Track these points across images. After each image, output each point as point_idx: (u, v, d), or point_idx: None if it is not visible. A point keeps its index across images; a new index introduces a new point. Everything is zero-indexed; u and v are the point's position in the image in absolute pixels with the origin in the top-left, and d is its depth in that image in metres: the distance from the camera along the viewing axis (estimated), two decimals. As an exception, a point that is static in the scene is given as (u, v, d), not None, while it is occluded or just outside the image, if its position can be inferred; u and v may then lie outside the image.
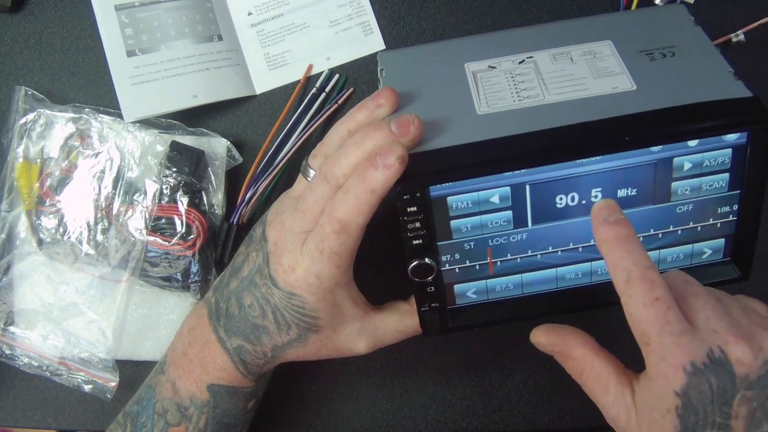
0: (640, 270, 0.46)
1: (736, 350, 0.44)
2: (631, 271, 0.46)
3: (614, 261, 0.47)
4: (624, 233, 0.47)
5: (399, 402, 0.74)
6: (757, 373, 0.44)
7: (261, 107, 0.74)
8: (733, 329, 0.45)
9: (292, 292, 0.55)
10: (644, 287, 0.46)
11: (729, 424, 0.44)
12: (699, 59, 0.56)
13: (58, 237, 0.70)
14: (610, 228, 0.48)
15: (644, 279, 0.46)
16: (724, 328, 0.45)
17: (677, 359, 0.45)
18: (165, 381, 0.62)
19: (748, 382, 0.44)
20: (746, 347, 0.44)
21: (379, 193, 0.50)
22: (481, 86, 0.57)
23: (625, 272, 0.46)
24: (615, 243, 0.47)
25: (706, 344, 0.45)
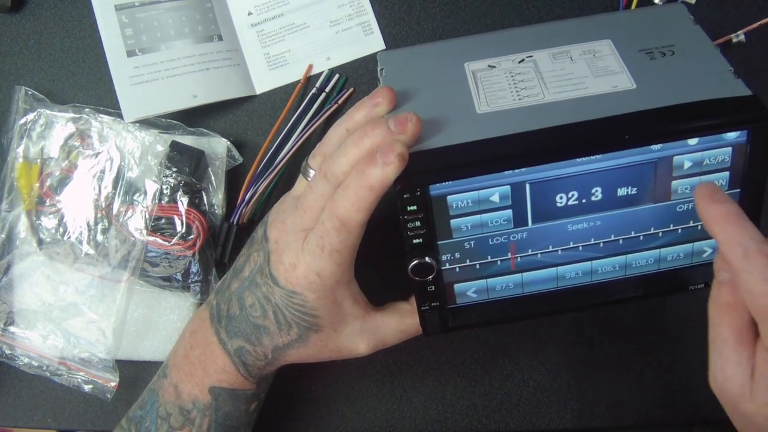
0: (756, 244, 0.45)
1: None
2: (748, 246, 0.45)
3: (728, 237, 0.46)
4: (735, 210, 0.47)
5: (399, 402, 0.74)
6: None
7: (261, 107, 0.74)
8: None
9: (293, 291, 0.55)
10: (764, 260, 0.45)
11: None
12: (698, 58, 0.56)
13: (58, 237, 0.70)
14: (720, 205, 0.47)
15: (763, 253, 0.45)
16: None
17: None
18: (167, 384, 0.62)
19: None
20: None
21: (378, 190, 0.50)
22: (481, 85, 0.57)
23: (741, 248, 0.45)
24: (727, 221, 0.46)
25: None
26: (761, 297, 0.45)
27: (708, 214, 0.48)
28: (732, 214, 0.47)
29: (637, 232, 0.56)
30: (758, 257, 0.45)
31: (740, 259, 0.45)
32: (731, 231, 0.46)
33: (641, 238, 0.56)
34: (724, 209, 0.47)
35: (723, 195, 0.48)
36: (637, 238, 0.56)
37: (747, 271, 0.45)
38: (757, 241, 0.45)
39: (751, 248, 0.45)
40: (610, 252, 0.57)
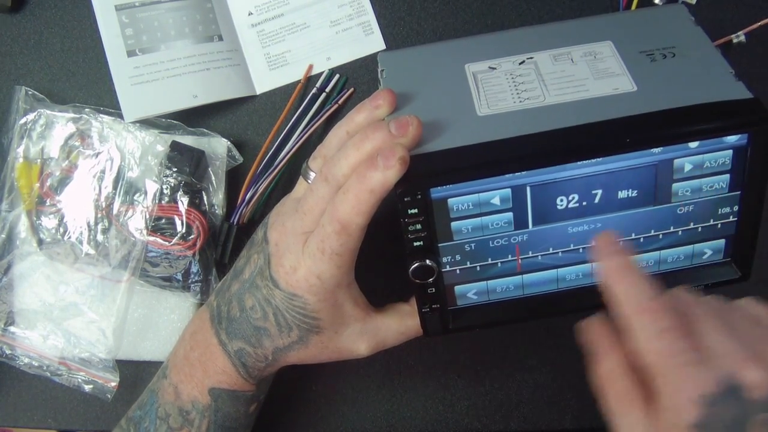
0: (647, 300, 0.46)
1: (748, 375, 0.43)
2: (638, 302, 0.46)
3: (620, 292, 0.47)
4: (629, 264, 0.47)
5: (399, 402, 0.74)
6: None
7: (261, 107, 0.74)
8: (743, 352, 0.44)
9: (294, 293, 0.55)
10: (652, 318, 0.45)
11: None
12: (699, 60, 0.56)
13: (58, 237, 0.70)
14: (616, 258, 0.48)
15: (652, 310, 0.45)
16: (733, 351, 0.44)
17: (689, 392, 0.43)
18: (167, 385, 0.62)
19: (764, 405, 0.43)
20: (758, 370, 0.43)
21: (378, 194, 0.50)
22: (482, 87, 0.57)
23: (633, 303, 0.46)
24: (621, 274, 0.47)
25: (717, 372, 0.43)
26: (651, 354, 0.45)
27: (605, 266, 0.48)
28: (625, 268, 0.47)
29: (638, 235, 0.56)
30: (647, 314, 0.45)
31: (630, 316, 0.46)
32: (623, 285, 0.47)
33: (641, 240, 0.56)
34: (618, 262, 0.47)
35: (619, 247, 0.48)
36: (638, 240, 0.56)
37: (638, 327, 0.46)
38: (649, 297, 0.46)
39: (642, 305, 0.46)
40: (611, 254, 0.57)
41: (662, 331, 0.45)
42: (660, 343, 0.45)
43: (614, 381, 0.50)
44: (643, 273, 0.47)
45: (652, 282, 0.47)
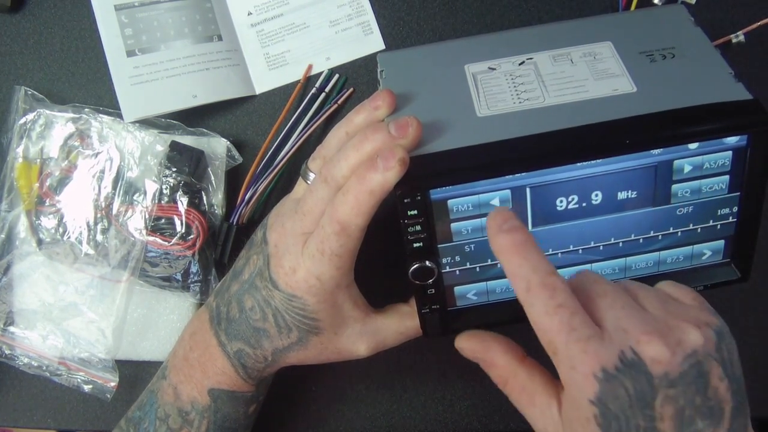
0: (539, 276, 0.44)
1: (648, 349, 0.42)
2: (530, 279, 0.44)
3: (512, 269, 0.45)
4: (521, 239, 0.45)
5: (399, 402, 0.74)
6: (678, 370, 0.42)
7: (261, 107, 0.74)
8: (645, 326, 0.43)
9: (293, 294, 0.55)
10: (545, 294, 0.44)
11: (655, 426, 0.42)
12: (699, 61, 0.56)
13: (57, 237, 0.70)
14: (506, 235, 0.45)
15: (545, 286, 0.44)
16: (635, 325, 0.43)
17: (587, 367, 0.42)
18: (166, 386, 0.62)
19: (668, 380, 0.42)
20: (660, 344, 0.42)
21: (378, 195, 0.50)
22: (481, 88, 0.57)
23: (524, 280, 0.44)
24: (512, 251, 0.45)
25: (616, 346, 0.42)
26: (546, 332, 0.44)
27: (494, 245, 0.46)
28: (517, 245, 0.45)
29: (637, 236, 0.56)
30: (541, 290, 0.44)
31: (523, 293, 0.45)
32: (514, 263, 0.45)
33: (641, 241, 0.56)
34: (509, 239, 0.45)
35: (513, 224, 0.46)
36: (637, 241, 0.56)
37: (530, 304, 0.44)
38: (542, 273, 0.44)
39: (534, 281, 0.44)
40: (610, 255, 0.57)
41: (557, 308, 0.43)
42: (553, 319, 0.43)
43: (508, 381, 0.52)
44: (537, 249, 0.45)
45: (546, 259, 0.45)
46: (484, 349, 0.54)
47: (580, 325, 0.43)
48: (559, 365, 0.44)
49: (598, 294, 0.46)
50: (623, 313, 0.44)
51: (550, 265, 0.45)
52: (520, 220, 0.46)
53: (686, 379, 0.42)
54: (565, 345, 0.43)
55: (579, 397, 0.43)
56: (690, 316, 0.45)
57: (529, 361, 0.52)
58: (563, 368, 0.44)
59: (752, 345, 0.74)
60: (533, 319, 0.44)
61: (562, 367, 0.44)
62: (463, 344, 0.55)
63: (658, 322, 0.44)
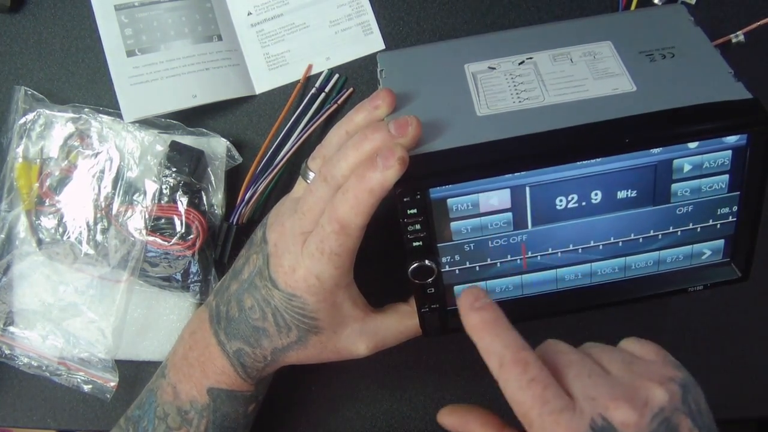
0: (511, 353, 0.45)
1: (618, 414, 0.42)
2: (503, 355, 0.45)
3: (485, 347, 0.46)
4: (491, 317, 0.47)
5: (399, 402, 0.74)
6: (647, 430, 0.43)
7: (261, 107, 0.74)
8: (613, 391, 0.44)
9: (293, 294, 0.55)
10: (518, 370, 0.44)
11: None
12: (699, 60, 0.56)
13: (57, 237, 0.70)
14: (476, 314, 0.47)
15: (517, 362, 0.45)
16: (603, 393, 0.44)
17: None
18: (166, 385, 0.62)
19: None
20: (627, 408, 0.43)
21: (377, 194, 0.50)
22: (481, 87, 0.57)
23: (497, 357, 0.45)
24: (483, 329, 0.46)
25: (587, 415, 0.43)
26: (520, 405, 0.44)
27: (466, 323, 0.48)
28: (488, 323, 0.47)
29: (637, 235, 0.56)
30: (513, 366, 0.45)
31: (497, 369, 0.46)
32: (486, 340, 0.46)
33: (641, 241, 0.56)
34: (479, 317, 0.47)
35: (484, 302, 0.48)
36: (637, 240, 0.56)
37: (504, 380, 0.45)
38: (513, 349, 0.45)
39: (507, 357, 0.45)
40: (610, 254, 0.57)
41: (530, 382, 0.44)
42: (527, 393, 0.44)
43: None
44: (508, 326, 0.47)
45: (517, 334, 0.46)
46: (463, 423, 0.55)
47: (552, 398, 0.44)
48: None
49: (564, 365, 0.47)
50: (590, 381, 0.45)
51: (521, 341, 0.46)
52: (490, 299, 0.48)
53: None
54: (539, 417, 0.44)
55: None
56: (654, 374, 0.45)
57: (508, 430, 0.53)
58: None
59: (752, 345, 0.74)
60: (508, 394, 0.45)
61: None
62: (444, 419, 0.56)
63: (624, 386, 0.44)
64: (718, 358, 0.73)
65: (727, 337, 0.73)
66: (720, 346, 0.73)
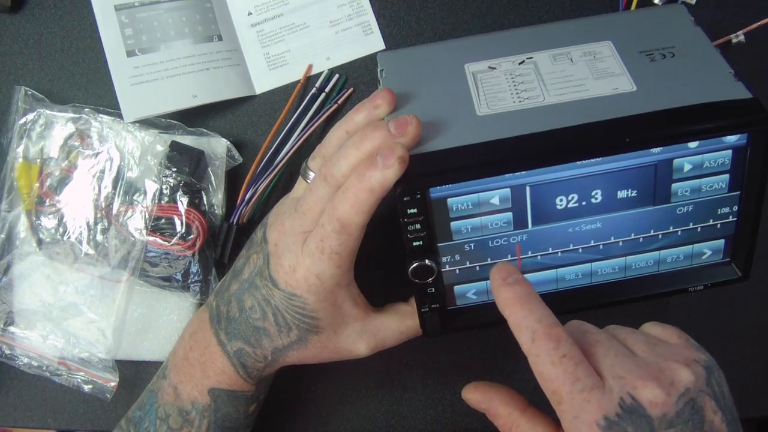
0: (544, 328, 0.45)
1: (646, 393, 0.43)
2: (535, 329, 0.46)
3: (517, 321, 0.47)
4: (524, 292, 0.47)
5: (399, 402, 0.74)
6: (674, 410, 0.43)
7: (261, 107, 0.74)
8: (640, 371, 0.44)
9: (293, 293, 0.55)
10: (550, 344, 0.45)
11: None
12: (699, 60, 0.56)
13: (57, 237, 0.70)
14: (510, 288, 0.48)
15: (550, 336, 0.45)
16: (631, 371, 0.44)
17: (590, 416, 0.43)
18: (167, 386, 0.62)
19: (667, 421, 0.43)
20: (656, 387, 0.43)
21: (378, 193, 0.50)
22: (481, 87, 0.57)
23: (529, 331, 0.46)
24: (516, 303, 0.47)
25: (616, 394, 0.44)
26: (551, 381, 0.45)
27: (498, 297, 0.48)
28: (522, 297, 0.47)
29: (637, 235, 0.56)
30: (545, 341, 0.45)
31: (529, 343, 0.46)
32: (519, 314, 0.47)
33: (641, 240, 0.56)
34: (513, 292, 0.47)
35: (516, 278, 0.48)
36: (637, 240, 0.56)
37: (535, 355, 0.46)
38: (546, 324, 0.46)
39: (539, 332, 0.45)
40: (610, 254, 0.57)
41: (561, 358, 0.45)
42: (558, 369, 0.45)
43: (513, 427, 0.52)
44: (541, 301, 0.47)
45: (549, 311, 0.47)
46: (487, 400, 0.55)
47: (583, 376, 0.44)
48: (562, 414, 0.45)
49: (591, 344, 0.47)
50: (617, 360, 0.45)
51: (553, 317, 0.46)
52: (521, 274, 0.48)
53: (683, 417, 0.43)
54: (570, 395, 0.44)
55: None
56: (679, 356, 0.46)
57: (531, 411, 0.53)
58: (567, 417, 0.45)
59: (752, 345, 0.74)
60: (538, 369, 0.46)
61: (566, 416, 0.45)
62: (469, 395, 0.56)
63: (650, 366, 0.45)
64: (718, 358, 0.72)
65: (727, 337, 0.73)
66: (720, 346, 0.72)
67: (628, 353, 0.46)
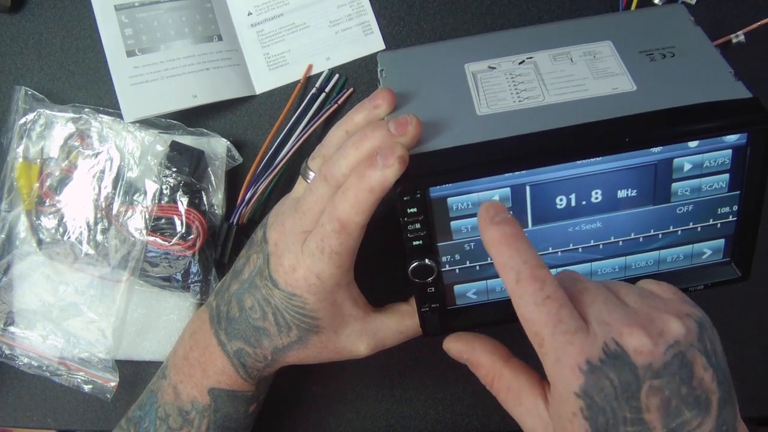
0: (529, 268, 0.44)
1: (631, 340, 0.42)
2: (520, 270, 0.44)
3: (503, 261, 0.45)
4: (511, 232, 0.46)
5: (399, 402, 0.74)
6: (661, 360, 0.42)
7: (261, 107, 0.74)
8: (627, 318, 0.43)
9: (293, 293, 0.55)
10: (535, 286, 0.44)
11: (642, 418, 0.42)
12: (699, 60, 0.56)
13: (57, 237, 0.70)
14: (497, 227, 0.46)
15: (534, 278, 0.44)
16: (617, 318, 0.43)
17: (572, 359, 0.43)
18: (167, 385, 0.62)
19: (653, 371, 0.42)
20: (642, 335, 0.42)
21: (378, 193, 0.50)
22: (481, 87, 0.57)
23: (514, 271, 0.45)
24: (503, 242, 0.46)
25: (600, 339, 0.43)
26: (533, 323, 0.44)
27: (484, 236, 0.47)
28: (508, 236, 0.46)
29: (637, 234, 0.56)
30: (530, 281, 0.44)
31: (513, 284, 0.45)
32: (505, 254, 0.45)
33: (641, 240, 0.56)
34: (500, 231, 0.46)
35: (504, 216, 0.47)
36: (637, 239, 0.56)
37: (518, 295, 0.45)
38: (532, 266, 0.45)
39: (524, 272, 0.44)
40: (610, 254, 0.57)
41: (545, 299, 0.44)
42: (541, 310, 0.44)
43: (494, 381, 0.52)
44: (528, 242, 0.46)
45: (536, 252, 0.45)
46: (469, 350, 0.54)
47: (566, 318, 0.44)
48: (544, 357, 0.44)
49: (580, 290, 0.46)
50: (605, 307, 0.45)
51: (539, 259, 0.45)
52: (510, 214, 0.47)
53: (670, 369, 0.42)
54: (552, 336, 0.43)
55: (564, 391, 0.43)
56: (670, 308, 0.45)
57: (514, 361, 0.52)
58: (548, 361, 0.44)
59: (752, 345, 0.74)
60: (521, 311, 0.45)
61: (548, 359, 0.44)
62: (450, 345, 0.55)
63: (640, 315, 0.44)
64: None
65: (727, 337, 0.73)
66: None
67: (617, 302, 0.45)
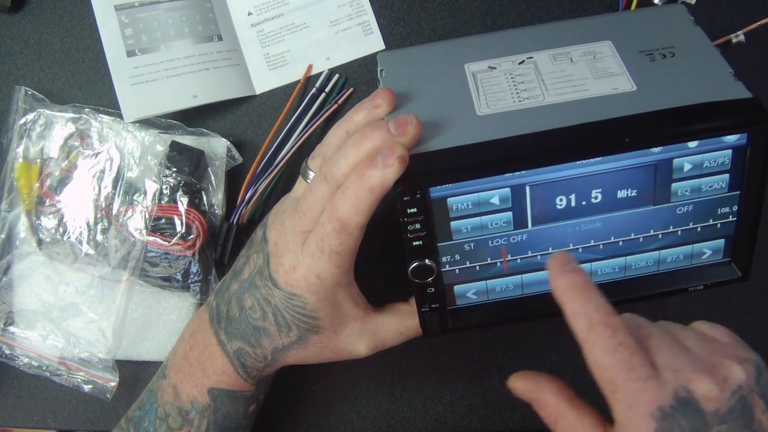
0: (601, 315, 0.46)
1: (701, 387, 0.43)
2: (592, 317, 0.46)
3: (574, 308, 0.47)
4: (582, 281, 0.47)
5: (399, 402, 0.74)
6: (726, 406, 0.43)
7: (261, 107, 0.74)
8: (695, 365, 0.44)
9: (293, 293, 0.55)
10: (607, 333, 0.45)
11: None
12: (699, 60, 0.56)
13: (57, 237, 0.70)
14: (568, 276, 0.47)
15: (606, 325, 0.45)
16: (685, 365, 0.44)
17: (645, 406, 0.43)
18: (166, 385, 0.62)
19: (719, 417, 0.43)
20: (710, 382, 0.43)
21: (378, 192, 0.50)
22: (481, 87, 0.57)
23: (586, 318, 0.46)
24: (574, 290, 0.47)
25: (670, 386, 0.44)
26: (606, 370, 0.45)
27: (556, 285, 0.48)
28: (579, 285, 0.47)
29: (637, 234, 0.56)
30: (602, 329, 0.45)
31: (585, 331, 0.46)
32: (576, 302, 0.47)
33: (641, 240, 0.56)
34: (571, 280, 0.47)
35: (574, 266, 0.48)
36: (637, 240, 0.56)
37: (591, 343, 0.45)
38: (603, 313, 0.46)
39: (596, 319, 0.45)
40: (610, 254, 0.57)
41: (618, 346, 0.45)
42: (614, 357, 0.44)
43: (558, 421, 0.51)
44: (598, 291, 0.47)
45: (606, 300, 0.47)
46: (535, 390, 0.54)
47: (638, 365, 0.44)
48: (616, 404, 0.45)
49: (645, 336, 0.47)
50: (671, 353, 0.45)
51: (609, 306, 0.46)
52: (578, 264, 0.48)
53: (734, 414, 0.43)
54: (625, 384, 0.44)
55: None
56: (730, 353, 0.46)
57: (578, 402, 0.52)
58: (621, 407, 0.45)
59: (752, 345, 0.73)
60: (593, 358, 0.46)
61: (620, 405, 0.45)
62: (517, 384, 0.55)
63: (704, 361, 0.45)
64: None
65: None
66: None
67: (681, 347, 0.46)
